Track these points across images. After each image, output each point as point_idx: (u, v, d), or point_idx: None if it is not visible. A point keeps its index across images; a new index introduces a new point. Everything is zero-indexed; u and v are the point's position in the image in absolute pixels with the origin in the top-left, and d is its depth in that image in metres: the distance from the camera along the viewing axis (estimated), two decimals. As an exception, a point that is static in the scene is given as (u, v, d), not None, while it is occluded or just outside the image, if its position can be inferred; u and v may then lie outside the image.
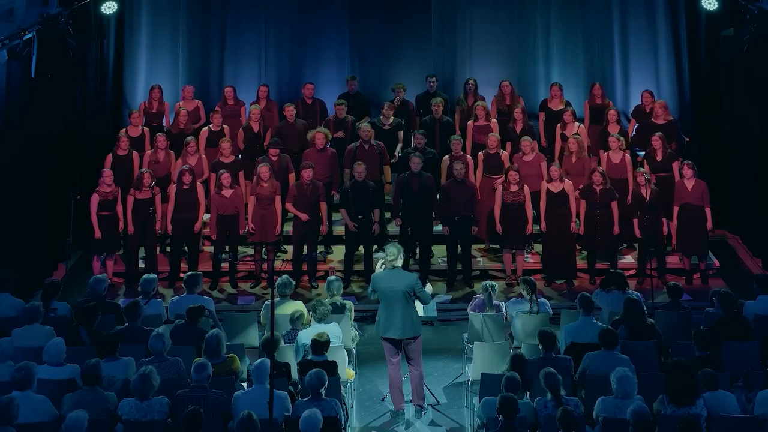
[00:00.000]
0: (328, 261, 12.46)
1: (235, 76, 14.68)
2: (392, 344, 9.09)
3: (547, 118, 13.41)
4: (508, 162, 12.29)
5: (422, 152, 12.12)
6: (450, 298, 11.65)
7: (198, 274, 9.98)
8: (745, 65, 12.54)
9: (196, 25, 14.77)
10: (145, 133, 12.93)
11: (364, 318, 11.18)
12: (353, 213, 11.65)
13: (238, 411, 7.19)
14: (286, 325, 9.21)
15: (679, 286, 9.64)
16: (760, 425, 7.25)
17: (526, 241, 11.97)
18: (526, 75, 14.76)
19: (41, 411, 7.30)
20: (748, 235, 12.92)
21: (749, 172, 12.69)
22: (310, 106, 13.50)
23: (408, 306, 9.02)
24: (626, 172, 12.17)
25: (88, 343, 8.64)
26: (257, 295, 11.76)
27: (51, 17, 12.00)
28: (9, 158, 11.34)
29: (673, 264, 11.96)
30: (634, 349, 8.51)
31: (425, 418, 9.20)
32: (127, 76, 14.54)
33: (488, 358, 8.87)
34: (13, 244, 11.23)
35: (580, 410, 7.53)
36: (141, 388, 7.35)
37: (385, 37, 14.78)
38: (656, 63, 14.49)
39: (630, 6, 14.59)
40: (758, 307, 9.38)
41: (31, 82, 11.68)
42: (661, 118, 12.79)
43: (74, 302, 9.89)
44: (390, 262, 9.08)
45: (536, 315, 9.40)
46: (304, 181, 11.63)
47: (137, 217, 11.68)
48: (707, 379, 7.52)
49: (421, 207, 11.64)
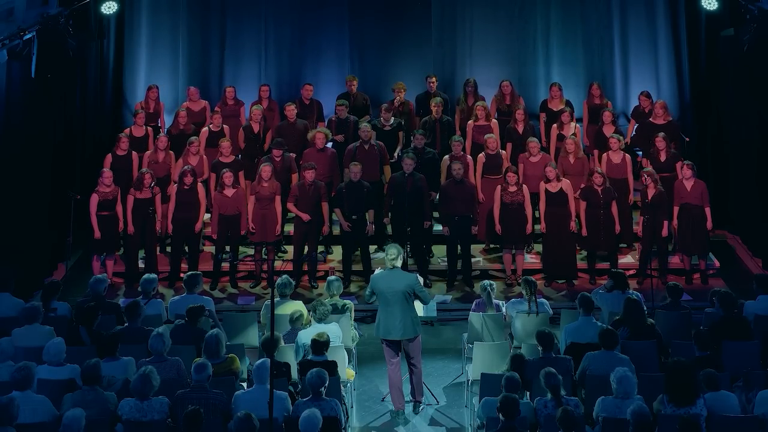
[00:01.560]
0: (328, 261, 12.46)
1: (235, 76, 14.69)
2: (392, 345, 9.10)
3: (548, 118, 13.41)
4: (508, 162, 12.30)
5: (422, 152, 12.13)
6: (450, 298, 11.65)
7: (198, 274, 9.98)
8: (745, 65, 12.54)
9: (196, 25, 14.78)
10: (149, 133, 12.95)
11: (364, 318, 11.18)
12: (347, 213, 11.66)
13: (238, 411, 7.18)
14: (286, 325, 9.22)
15: (679, 286, 9.64)
16: (760, 425, 7.25)
17: (525, 241, 11.98)
18: (526, 75, 14.77)
19: (41, 411, 7.30)
20: (748, 235, 12.92)
21: (749, 172, 12.68)
22: (308, 107, 13.50)
23: (407, 306, 9.02)
24: (626, 173, 12.18)
25: (88, 343, 8.64)
26: (257, 295, 11.76)
27: (51, 17, 11.99)
28: (9, 158, 11.34)
29: (673, 264, 11.97)
30: (634, 349, 8.51)
31: (425, 418, 9.19)
32: (127, 76, 14.55)
33: (488, 358, 8.88)
34: (13, 244, 11.23)
35: (580, 410, 7.53)
36: (141, 388, 7.35)
37: (385, 37, 14.78)
38: (656, 63, 14.50)
39: (630, 6, 14.59)
40: (758, 307, 9.38)
41: (31, 82, 11.67)
42: (661, 118, 12.79)
43: (74, 302, 9.89)
44: (390, 261, 9.08)
45: (535, 315, 9.40)
46: (306, 182, 11.64)
47: (137, 217, 11.69)
48: (709, 380, 7.52)
49: (413, 208, 11.64)
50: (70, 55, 12.59)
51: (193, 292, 9.68)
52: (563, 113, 12.93)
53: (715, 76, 13.65)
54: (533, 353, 8.57)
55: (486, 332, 9.42)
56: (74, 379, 7.78)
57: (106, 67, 14.13)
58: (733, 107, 13.20)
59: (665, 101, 13.27)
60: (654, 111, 12.86)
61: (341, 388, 8.42)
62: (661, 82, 14.43)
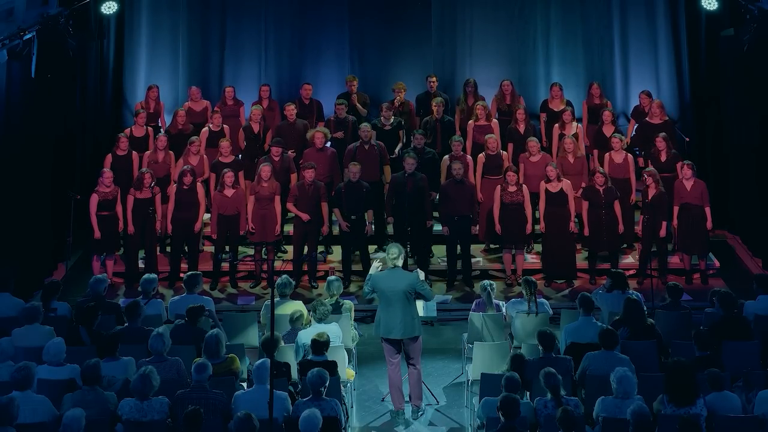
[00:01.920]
0: (328, 261, 12.46)
1: (235, 76, 14.68)
2: (392, 345, 9.09)
3: (549, 118, 13.41)
4: (508, 163, 12.30)
5: (421, 152, 12.13)
6: (450, 298, 11.65)
7: (198, 274, 9.98)
8: (745, 65, 12.54)
9: (196, 25, 14.77)
10: (149, 133, 12.95)
11: (364, 318, 11.18)
12: (346, 213, 11.66)
13: (238, 411, 7.18)
14: (286, 325, 9.21)
15: (679, 286, 9.64)
16: (760, 425, 7.25)
17: (525, 241, 11.98)
18: (526, 75, 14.76)
19: (41, 411, 7.30)
20: (748, 235, 12.92)
21: (749, 172, 12.69)
22: (308, 106, 13.50)
23: (408, 306, 9.01)
24: (628, 172, 12.18)
25: (88, 343, 8.64)
26: (257, 295, 11.76)
27: (51, 17, 11.99)
28: (9, 158, 11.34)
29: (673, 264, 11.97)
30: (634, 349, 8.51)
31: (425, 418, 9.19)
32: (127, 76, 14.54)
33: (488, 358, 8.88)
34: (13, 244, 11.23)
35: (580, 410, 7.53)
36: (141, 388, 7.35)
37: (385, 37, 14.78)
38: (656, 63, 14.49)
39: (630, 6, 14.59)
40: (758, 307, 9.38)
41: (31, 82, 11.67)
42: (657, 118, 12.80)
43: (74, 302, 9.89)
44: (392, 260, 9.07)
45: (535, 315, 9.40)
46: (306, 182, 11.64)
47: (137, 217, 11.69)
48: (713, 380, 7.50)
49: (414, 207, 11.64)
50: (70, 55, 12.59)
51: (193, 292, 9.68)
52: (564, 112, 12.93)
53: (715, 76, 13.65)
54: (533, 353, 8.57)
55: (486, 332, 9.41)
56: (74, 379, 7.77)
57: (106, 67, 14.12)
58: (733, 107, 13.20)
59: (662, 101, 13.28)
60: (650, 111, 12.87)
61: (341, 388, 8.41)
62: (661, 82, 14.43)
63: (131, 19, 14.51)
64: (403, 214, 11.62)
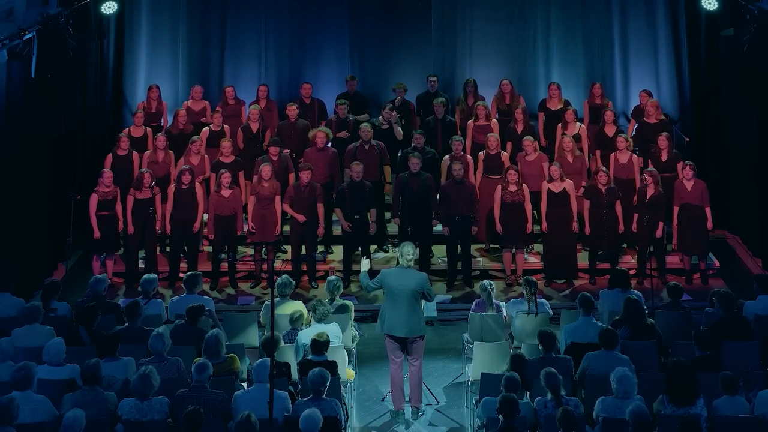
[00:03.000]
0: (328, 261, 12.46)
1: (235, 76, 14.68)
2: (395, 342, 9.08)
3: (547, 118, 13.41)
4: (508, 162, 12.30)
5: (421, 152, 12.13)
6: (450, 298, 11.65)
7: (198, 274, 9.98)
8: (745, 65, 12.55)
9: (196, 25, 14.77)
10: (147, 134, 12.94)
11: (364, 318, 11.18)
12: (349, 212, 11.65)
13: (238, 411, 7.19)
14: (286, 325, 9.21)
15: (679, 286, 9.64)
16: (760, 425, 7.25)
17: (525, 241, 11.98)
18: (526, 75, 14.77)
19: (41, 411, 7.30)
20: (748, 235, 12.92)
21: (749, 171, 12.69)
22: (309, 106, 13.51)
23: (414, 305, 9.01)
24: (633, 173, 12.17)
25: (88, 343, 8.63)
26: (257, 295, 11.76)
27: (51, 17, 11.99)
28: (9, 158, 11.34)
29: (673, 264, 11.96)
30: (634, 349, 8.51)
31: (425, 418, 9.19)
32: (127, 76, 14.54)
33: (488, 358, 8.88)
34: (13, 244, 11.23)
35: (580, 410, 7.53)
36: (141, 388, 7.35)
37: (385, 37, 14.79)
38: (656, 63, 14.49)
39: (630, 6, 14.59)
40: (758, 307, 9.38)
41: (31, 82, 11.67)
42: (653, 117, 12.82)
43: (74, 302, 9.89)
44: (407, 260, 9.08)
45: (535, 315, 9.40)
46: (302, 183, 11.63)
47: (137, 217, 11.69)
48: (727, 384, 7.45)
49: (420, 207, 11.64)
50: (70, 55, 12.59)
51: (192, 292, 9.68)
52: (566, 112, 12.93)
53: (715, 76, 13.66)
54: (533, 353, 8.57)
55: (486, 332, 9.41)
56: (74, 379, 7.77)
57: (106, 67, 14.12)
58: (733, 107, 13.21)
59: (657, 101, 13.29)
60: (646, 110, 12.87)
61: (341, 388, 8.41)
62: (661, 82, 14.43)
63: (131, 19, 14.51)
64: (410, 215, 11.62)
